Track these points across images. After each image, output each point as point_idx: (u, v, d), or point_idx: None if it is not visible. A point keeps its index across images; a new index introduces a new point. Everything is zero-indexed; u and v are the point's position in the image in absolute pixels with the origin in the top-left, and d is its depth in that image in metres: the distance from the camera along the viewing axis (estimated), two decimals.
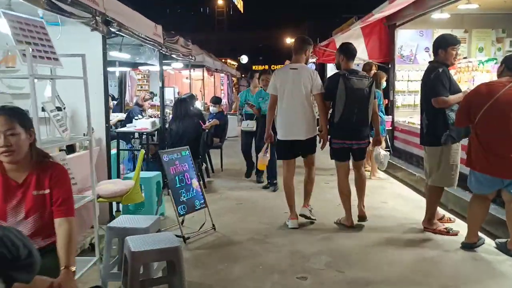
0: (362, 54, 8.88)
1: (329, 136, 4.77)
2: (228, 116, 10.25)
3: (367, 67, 7.48)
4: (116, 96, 11.71)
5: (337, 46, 9.21)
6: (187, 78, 14.37)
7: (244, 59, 29.84)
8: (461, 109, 4.07)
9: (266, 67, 45.89)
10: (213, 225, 4.78)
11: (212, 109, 8.23)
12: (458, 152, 4.50)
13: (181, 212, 4.46)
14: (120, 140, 6.88)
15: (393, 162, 7.77)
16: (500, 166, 3.72)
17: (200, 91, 14.47)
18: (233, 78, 19.74)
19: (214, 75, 15.06)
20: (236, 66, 29.02)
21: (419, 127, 4.85)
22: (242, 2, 39.93)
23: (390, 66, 8.67)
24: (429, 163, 4.66)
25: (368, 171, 7.33)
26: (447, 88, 4.34)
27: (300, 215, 4.88)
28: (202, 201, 4.77)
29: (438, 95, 4.31)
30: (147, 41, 5.96)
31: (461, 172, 4.56)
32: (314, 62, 17.80)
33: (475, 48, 8.22)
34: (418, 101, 8.60)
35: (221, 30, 38.61)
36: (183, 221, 4.74)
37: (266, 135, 4.95)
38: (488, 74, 6.83)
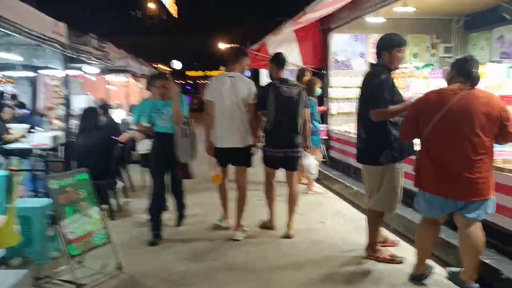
0: (296, 60, 8.35)
1: (263, 145, 4.77)
2: None
3: (300, 73, 6.93)
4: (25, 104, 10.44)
5: (269, 51, 8.79)
6: (110, 84, 13.22)
7: (176, 64, 28.60)
8: (407, 120, 3.51)
9: (201, 73, 45.41)
10: (119, 264, 3.89)
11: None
12: (401, 172, 3.97)
13: (73, 252, 3.54)
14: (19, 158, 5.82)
15: (330, 174, 7.26)
16: (454, 186, 3.20)
17: (126, 98, 13.35)
18: None
19: (142, 81, 13.96)
20: (170, 72, 27.93)
21: (354, 136, 4.55)
22: (176, 7, 38.86)
23: (324, 72, 8.19)
24: (367, 184, 4.11)
25: (304, 183, 6.75)
26: (388, 99, 3.80)
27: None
28: (104, 236, 3.87)
29: (377, 106, 3.75)
30: (43, 41, 5.00)
31: (405, 188, 4.04)
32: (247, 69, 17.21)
33: (409, 53, 7.95)
34: (354, 109, 8.28)
35: (152, 35, 37.16)
36: (80, 261, 3.82)
37: (206, 145, 4.75)
38: (425, 80, 6.51)
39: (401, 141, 3.75)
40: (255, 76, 15.88)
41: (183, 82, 39.79)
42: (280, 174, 4.93)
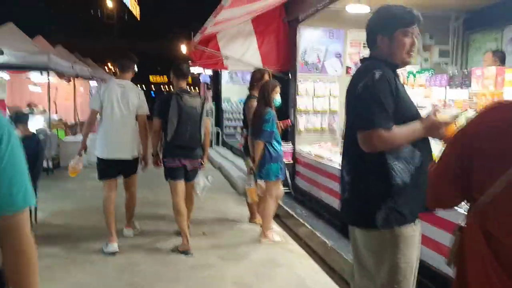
0: (253, 59, 6.51)
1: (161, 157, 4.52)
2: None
3: (257, 75, 5.13)
4: None
5: (221, 47, 6.95)
6: (35, 84, 11.03)
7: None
8: (442, 167, 1.66)
9: (165, 77, 43.16)
10: None
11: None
12: (415, 242, 2.17)
13: None
14: None
15: (293, 213, 5.42)
16: None
17: (54, 102, 11.18)
18: None
19: (76, 82, 11.78)
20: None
21: (329, 163, 3.65)
22: (138, 8, 36.65)
23: (290, 76, 6.38)
24: (356, 258, 2.32)
25: (259, 223, 4.93)
26: (389, 110, 2.01)
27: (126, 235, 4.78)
28: None
29: (372, 125, 1.98)
30: None
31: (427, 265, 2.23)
32: (200, 72, 15.28)
33: None
34: (325, 125, 6.51)
35: (110, 36, 34.80)
36: None
37: (80, 148, 4.61)
38: (421, 89, 4.82)
39: (428, 207, 1.94)
40: (215, 80, 14.00)
41: (144, 88, 37.42)
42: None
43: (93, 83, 13.93)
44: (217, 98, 13.66)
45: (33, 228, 4.54)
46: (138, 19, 34.48)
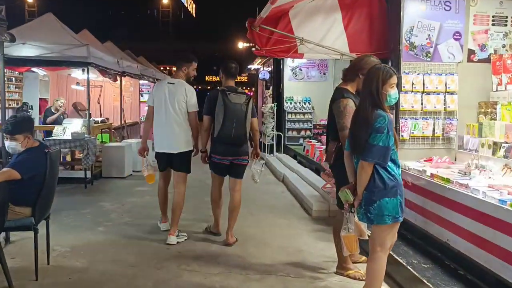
0: (337, 42, 4.87)
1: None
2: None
3: (360, 63, 3.55)
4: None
5: (294, 27, 5.34)
6: (78, 83, 9.97)
7: None
8: None
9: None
10: None
11: (12, 145, 3.74)
12: None
13: None
14: None
15: (403, 261, 3.71)
16: None
17: (98, 102, 10.08)
18: None
19: (123, 81, 10.52)
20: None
21: (463, 190, 2.99)
22: (194, 5, 35.95)
23: (390, 65, 4.64)
24: None
25: (352, 277, 3.35)
26: None
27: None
28: None
29: None
30: None
31: None
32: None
33: None
34: (438, 131, 4.74)
35: (167, 38, 34.23)
36: None
37: (140, 149, 4.92)
38: None
39: None
40: (277, 75, 12.35)
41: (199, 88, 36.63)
42: None
43: (143, 83, 12.82)
44: (278, 97, 12.09)
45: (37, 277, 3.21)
46: (194, 16, 33.72)
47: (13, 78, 9.71)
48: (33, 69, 8.77)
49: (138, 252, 4.24)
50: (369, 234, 3.06)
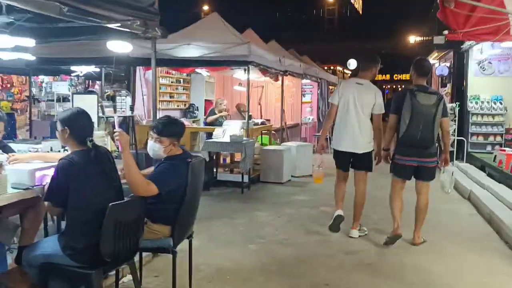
0: None
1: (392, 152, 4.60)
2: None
3: None
4: None
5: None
6: (240, 84, 9.81)
7: (352, 64, 24.21)
8: None
9: (388, 76, 39.71)
10: None
11: (155, 147, 3.30)
12: None
13: None
14: None
15: None
16: None
17: (259, 103, 9.77)
18: (330, 86, 14.53)
19: (284, 80, 9.95)
20: (348, 74, 23.82)
21: None
22: (360, 2, 34.53)
23: None
24: None
25: None
26: None
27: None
28: None
29: None
30: None
31: None
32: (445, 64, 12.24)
33: None
34: None
35: (332, 37, 33.47)
36: None
37: (319, 146, 5.02)
38: None
39: None
40: (458, 70, 10.42)
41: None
42: None
43: (305, 82, 12.25)
44: (459, 96, 10.29)
45: None
46: (360, 12, 32.38)
47: (182, 80, 10.02)
48: (197, 70, 8.84)
49: (290, 286, 3.51)
50: None
